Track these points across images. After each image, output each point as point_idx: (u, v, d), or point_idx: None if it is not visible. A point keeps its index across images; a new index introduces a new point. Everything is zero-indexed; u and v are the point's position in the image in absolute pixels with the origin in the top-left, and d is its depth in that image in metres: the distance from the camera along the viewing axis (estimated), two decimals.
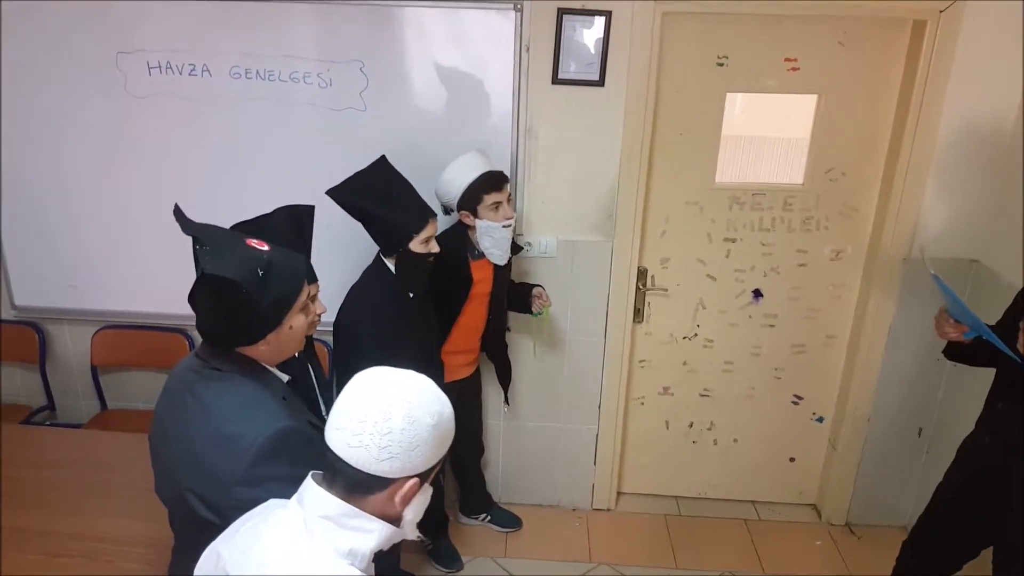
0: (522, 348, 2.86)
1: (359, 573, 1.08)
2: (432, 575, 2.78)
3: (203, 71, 2.61)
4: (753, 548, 2.95)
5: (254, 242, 1.40)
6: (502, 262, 2.45)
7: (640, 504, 3.17)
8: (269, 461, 1.30)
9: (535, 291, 2.60)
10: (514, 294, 2.63)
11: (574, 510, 3.12)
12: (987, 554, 2.09)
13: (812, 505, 3.17)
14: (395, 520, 1.13)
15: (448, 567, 2.79)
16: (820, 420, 3.03)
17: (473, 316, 2.53)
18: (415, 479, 1.10)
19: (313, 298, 1.63)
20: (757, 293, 2.86)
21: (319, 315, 1.75)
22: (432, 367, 2.41)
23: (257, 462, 1.29)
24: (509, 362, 2.77)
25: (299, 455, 1.31)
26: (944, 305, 2.04)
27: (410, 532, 1.17)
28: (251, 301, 1.32)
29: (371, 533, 1.10)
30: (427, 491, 1.15)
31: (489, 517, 3.00)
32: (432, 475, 1.15)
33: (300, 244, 1.80)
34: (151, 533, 1.98)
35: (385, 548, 1.13)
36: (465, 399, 2.73)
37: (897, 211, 2.62)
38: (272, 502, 1.20)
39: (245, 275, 1.31)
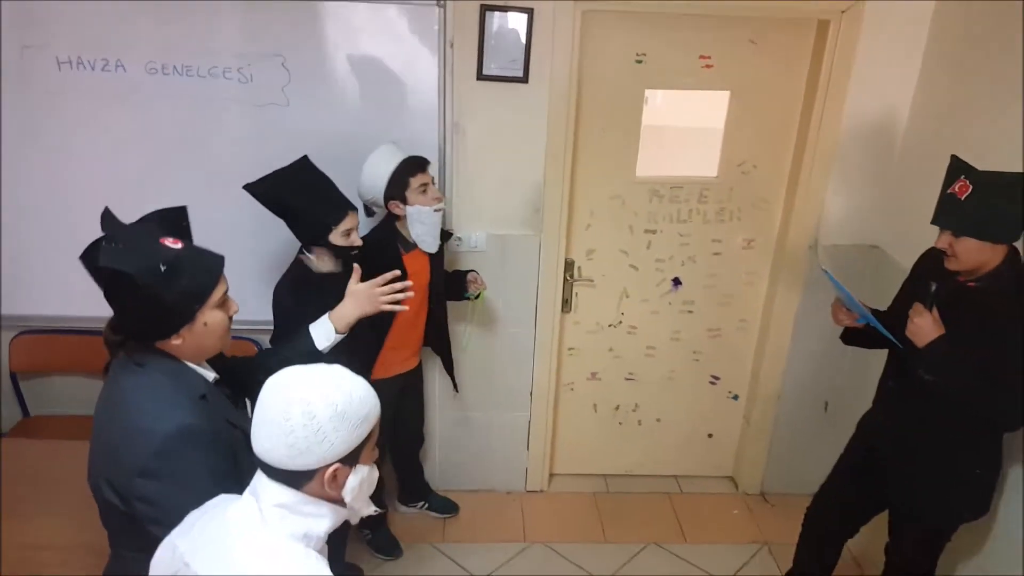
0: (456, 337, 2.91)
1: (314, 553, 1.17)
2: (373, 564, 2.84)
3: (117, 66, 2.51)
4: (676, 520, 3.14)
5: (168, 240, 1.43)
6: (433, 249, 2.48)
7: (571, 484, 3.31)
8: (169, 457, 1.36)
9: (470, 275, 2.66)
10: (450, 282, 2.68)
11: (508, 493, 3.23)
12: (882, 518, 2.31)
13: (729, 477, 3.38)
14: (341, 502, 1.21)
15: (388, 555, 2.86)
16: (735, 398, 3.23)
17: (412, 310, 2.56)
18: (337, 465, 1.15)
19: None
20: (676, 281, 3.01)
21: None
22: (363, 362, 2.44)
23: (158, 456, 1.35)
24: (451, 352, 2.82)
25: (201, 453, 1.38)
26: (838, 295, 2.20)
27: (363, 510, 1.25)
28: (152, 295, 1.36)
29: (322, 517, 1.19)
30: (362, 471, 1.21)
31: (427, 504, 3.07)
32: (365, 454, 1.20)
33: None
34: (84, 539, 1.96)
35: (338, 526, 1.23)
36: (408, 392, 2.78)
37: (803, 202, 2.79)
38: (224, 497, 1.27)
39: (144, 269, 1.35)
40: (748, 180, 2.87)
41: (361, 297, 1.88)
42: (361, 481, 1.20)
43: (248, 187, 2.12)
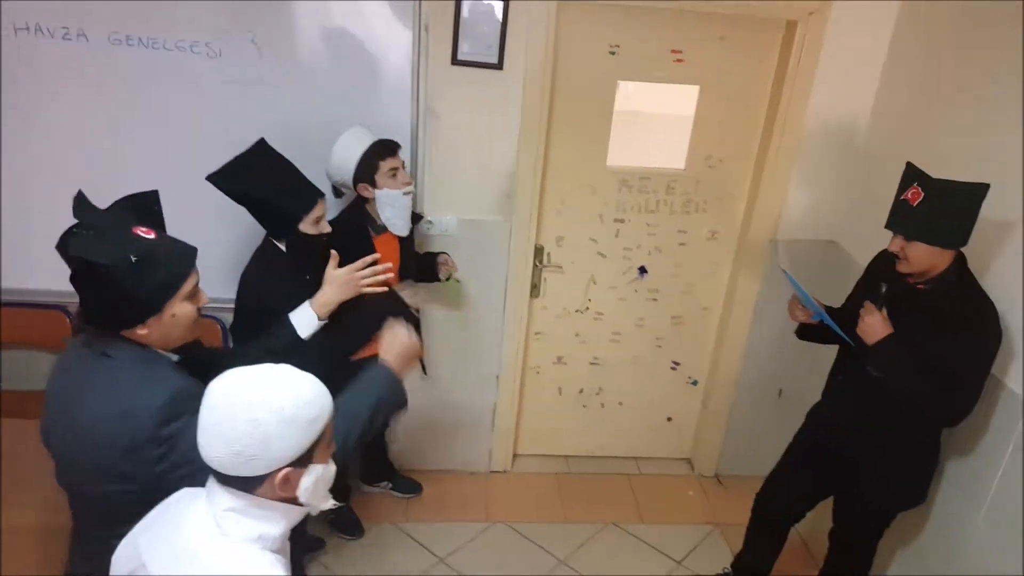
0: (427, 318, 2.92)
1: (269, 554, 1.16)
2: (335, 544, 2.86)
3: (78, 35, 2.44)
4: (635, 500, 3.24)
5: (141, 230, 1.42)
6: (404, 232, 2.49)
7: (534, 465, 3.38)
8: (171, 421, 1.37)
9: (440, 258, 2.67)
10: (419, 264, 2.68)
11: (472, 474, 3.29)
12: (828, 504, 2.43)
13: (687, 459, 3.49)
14: (296, 501, 1.20)
15: (351, 535, 2.88)
16: (695, 383, 3.33)
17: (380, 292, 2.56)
18: (287, 469, 1.13)
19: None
20: (642, 270, 3.07)
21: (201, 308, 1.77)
22: (337, 346, 2.44)
23: (160, 425, 1.35)
24: (421, 334, 2.83)
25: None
26: (795, 293, 2.28)
27: (321, 505, 1.24)
28: (120, 285, 1.35)
29: (275, 520, 1.18)
30: (316, 471, 1.18)
31: (391, 484, 3.10)
32: (318, 454, 1.17)
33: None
34: (46, 522, 1.95)
35: (296, 523, 1.22)
36: None
37: (766, 197, 2.87)
38: (187, 492, 1.25)
39: (114, 259, 1.34)
40: (714, 173, 2.94)
41: (340, 282, 1.89)
42: (316, 480, 1.18)
43: (211, 178, 2.06)
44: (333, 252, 1.94)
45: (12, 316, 2.74)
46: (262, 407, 1.10)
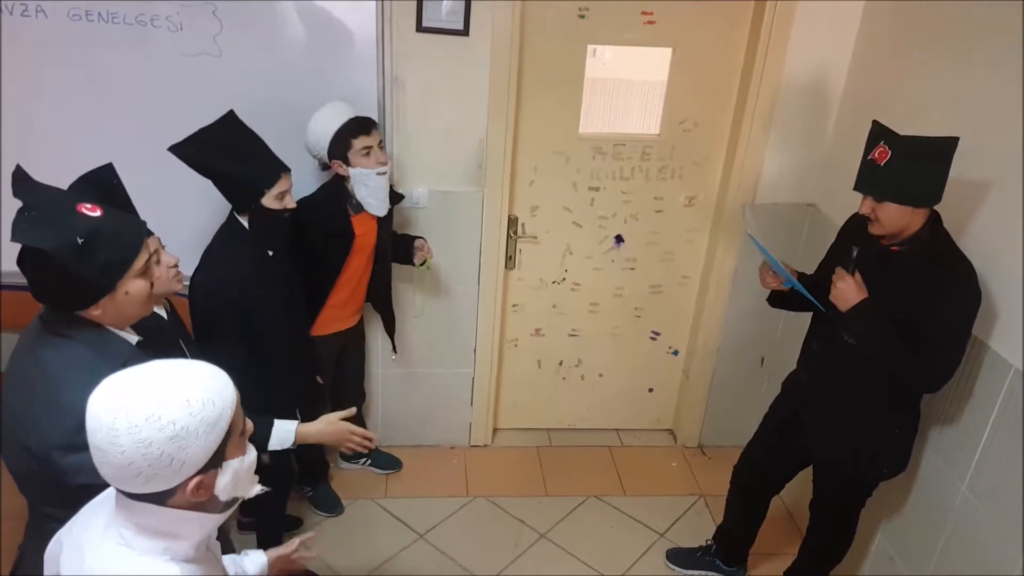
0: (404, 299, 2.91)
1: (175, 565, 1.07)
2: (314, 521, 2.86)
3: (37, 12, 2.39)
4: (616, 473, 3.21)
5: (86, 207, 1.37)
6: (382, 213, 2.45)
7: (514, 439, 3.36)
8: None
9: (417, 243, 2.64)
10: (396, 245, 2.65)
11: (452, 448, 3.27)
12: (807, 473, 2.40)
13: (669, 430, 3.47)
14: (214, 504, 1.11)
15: (329, 511, 2.87)
16: (675, 353, 3.30)
17: (357, 270, 2.54)
18: (198, 477, 1.04)
19: (156, 253, 1.60)
20: (619, 239, 3.03)
21: (174, 266, 1.73)
22: (298, 323, 2.43)
23: (79, 430, 1.30)
24: (393, 312, 2.82)
25: None
26: (764, 259, 2.24)
27: (247, 494, 1.16)
28: (68, 269, 1.31)
29: (183, 535, 1.09)
30: (232, 465, 1.10)
31: (369, 461, 3.09)
32: (230, 450, 1.08)
33: (116, 205, 1.75)
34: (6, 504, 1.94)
35: (208, 533, 1.14)
36: (348, 348, 2.77)
37: (743, 161, 2.82)
38: (111, 493, 1.16)
39: (61, 244, 1.30)
40: (689, 138, 2.88)
41: (333, 431, 1.84)
42: (234, 474, 1.10)
43: (173, 149, 2.03)
44: (353, 408, 1.92)
45: None
46: (148, 427, 0.98)
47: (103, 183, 1.73)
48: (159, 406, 1.00)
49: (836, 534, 2.37)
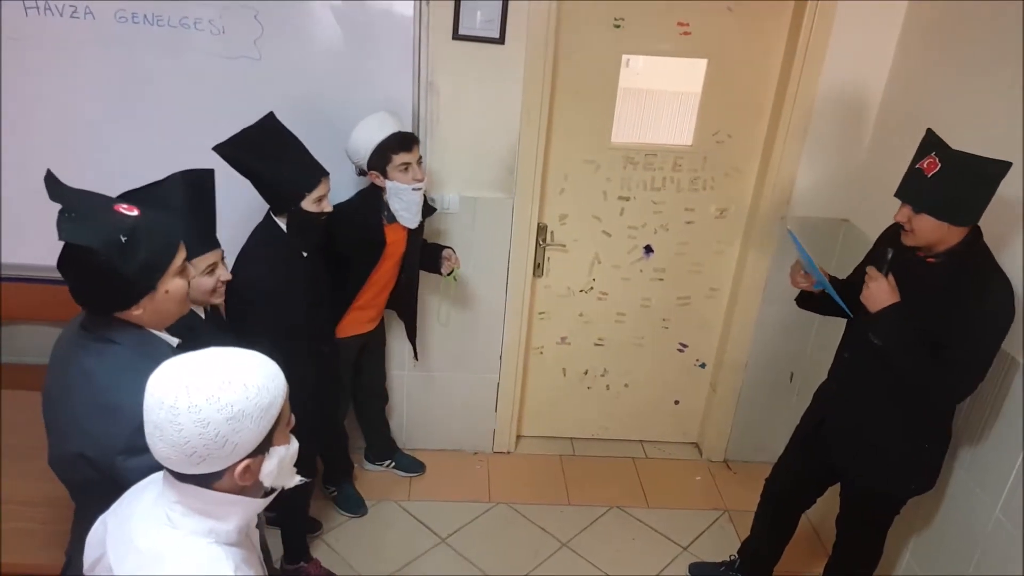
0: (429, 306, 2.93)
1: (218, 547, 1.11)
2: (338, 521, 2.87)
3: (86, 14, 2.46)
4: (640, 484, 3.19)
5: (123, 207, 1.39)
6: (413, 225, 2.47)
7: (538, 446, 3.35)
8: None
9: (445, 252, 2.65)
10: (424, 254, 2.67)
11: (475, 453, 3.27)
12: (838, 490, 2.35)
13: (694, 443, 3.43)
14: (256, 490, 1.16)
15: (353, 512, 2.89)
16: (703, 366, 3.27)
17: (383, 276, 2.56)
18: (247, 460, 1.09)
19: (214, 266, 1.70)
20: (648, 249, 3.02)
21: (223, 281, 1.79)
22: (326, 323, 2.46)
23: (138, 432, 1.31)
24: (415, 319, 2.83)
25: None
26: (799, 258, 2.21)
27: (287, 483, 1.20)
28: (112, 268, 1.32)
29: (229, 516, 1.12)
30: (278, 453, 1.14)
31: (393, 463, 3.10)
32: (277, 437, 1.13)
33: (201, 210, 1.78)
34: (49, 493, 1.97)
35: (251, 517, 1.17)
36: (370, 350, 2.79)
37: (776, 173, 2.79)
38: (155, 477, 1.21)
39: (104, 242, 1.31)
40: (722, 149, 2.87)
41: None
42: (279, 462, 1.15)
43: (218, 149, 2.08)
44: None
45: (18, 291, 2.79)
46: (208, 407, 1.03)
47: (197, 183, 1.77)
48: (219, 388, 1.05)
49: (863, 552, 2.32)
